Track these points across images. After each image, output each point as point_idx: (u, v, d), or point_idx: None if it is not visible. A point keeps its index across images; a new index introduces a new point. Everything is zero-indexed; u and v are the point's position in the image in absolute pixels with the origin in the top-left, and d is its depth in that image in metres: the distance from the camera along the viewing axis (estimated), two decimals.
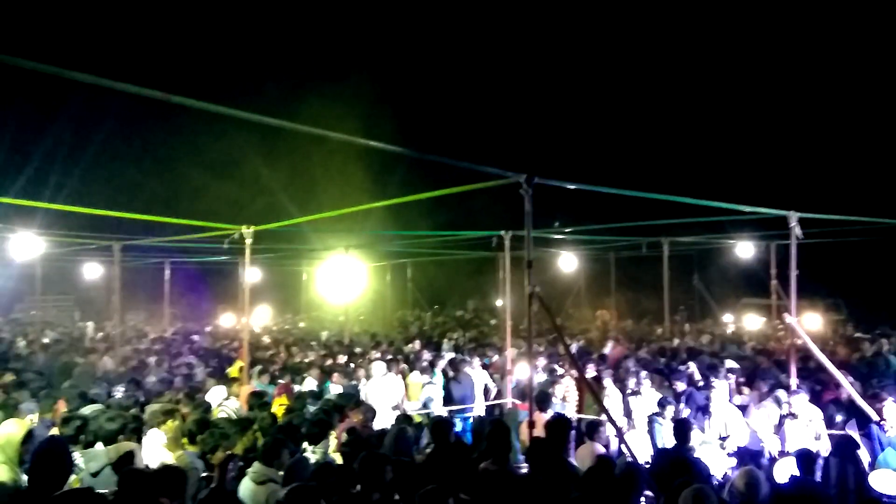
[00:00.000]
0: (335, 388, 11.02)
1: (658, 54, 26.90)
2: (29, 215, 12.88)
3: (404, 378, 11.89)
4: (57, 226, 14.10)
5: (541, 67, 28.76)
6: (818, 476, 6.94)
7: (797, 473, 6.29)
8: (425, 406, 11.23)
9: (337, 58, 28.34)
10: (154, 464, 6.23)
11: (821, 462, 7.25)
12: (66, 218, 13.63)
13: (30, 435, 5.07)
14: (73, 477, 5.21)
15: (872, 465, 7.62)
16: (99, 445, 6.16)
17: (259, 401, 9.00)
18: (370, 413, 8.30)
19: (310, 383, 11.44)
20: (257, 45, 26.07)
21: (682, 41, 26.19)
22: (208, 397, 9.58)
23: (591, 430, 7.48)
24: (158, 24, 23.73)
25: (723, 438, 8.82)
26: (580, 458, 7.15)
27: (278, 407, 9.61)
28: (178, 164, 23.44)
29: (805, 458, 6.37)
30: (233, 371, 12.76)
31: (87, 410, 7.47)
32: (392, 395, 11.13)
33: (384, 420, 9.20)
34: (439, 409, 11.00)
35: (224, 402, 9.21)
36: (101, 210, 11.01)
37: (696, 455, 7.27)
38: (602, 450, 7.17)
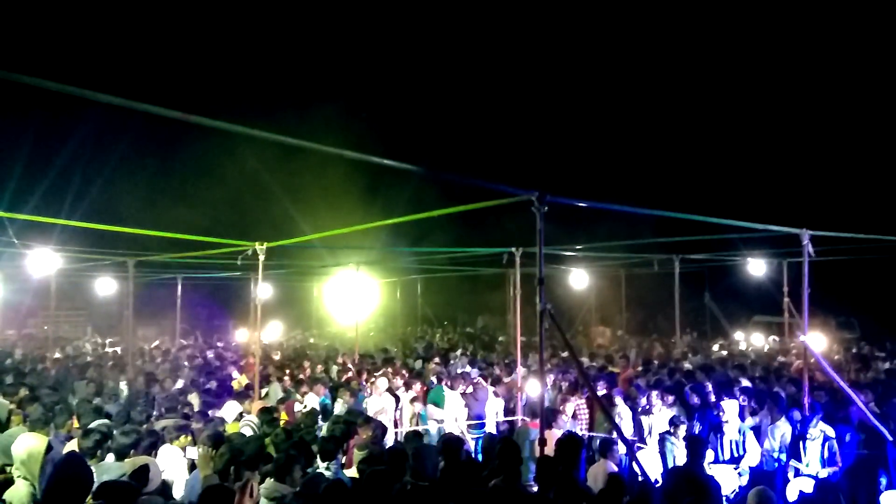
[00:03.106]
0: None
1: (671, 73, 27.00)
2: (45, 232, 13.02)
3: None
4: (72, 242, 14.23)
5: (554, 86, 28.92)
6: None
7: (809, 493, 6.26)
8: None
9: (350, 77, 28.61)
10: (172, 478, 6.27)
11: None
12: (81, 234, 13.76)
13: (49, 448, 5.11)
14: None
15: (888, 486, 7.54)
16: (109, 458, 6.18)
17: (268, 417, 9.00)
18: (379, 429, 8.29)
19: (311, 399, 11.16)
20: (271, 64, 26.38)
21: (694, 60, 26.28)
22: (222, 413, 9.61)
23: (604, 449, 7.46)
24: (174, 44, 24.08)
25: (735, 458, 8.76)
26: (592, 476, 7.12)
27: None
28: (193, 181, 23.66)
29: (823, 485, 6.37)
30: (237, 386, 12.78)
31: (95, 424, 7.48)
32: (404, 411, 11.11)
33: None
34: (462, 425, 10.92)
35: (246, 417, 9.23)
36: (116, 226, 11.13)
37: (707, 473, 7.22)
38: (614, 468, 7.14)
